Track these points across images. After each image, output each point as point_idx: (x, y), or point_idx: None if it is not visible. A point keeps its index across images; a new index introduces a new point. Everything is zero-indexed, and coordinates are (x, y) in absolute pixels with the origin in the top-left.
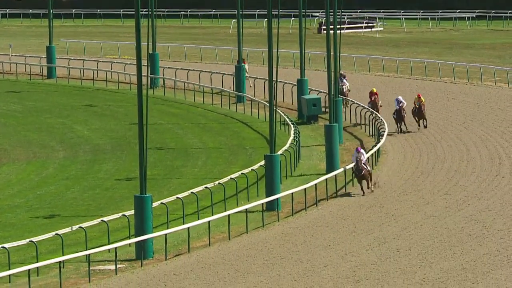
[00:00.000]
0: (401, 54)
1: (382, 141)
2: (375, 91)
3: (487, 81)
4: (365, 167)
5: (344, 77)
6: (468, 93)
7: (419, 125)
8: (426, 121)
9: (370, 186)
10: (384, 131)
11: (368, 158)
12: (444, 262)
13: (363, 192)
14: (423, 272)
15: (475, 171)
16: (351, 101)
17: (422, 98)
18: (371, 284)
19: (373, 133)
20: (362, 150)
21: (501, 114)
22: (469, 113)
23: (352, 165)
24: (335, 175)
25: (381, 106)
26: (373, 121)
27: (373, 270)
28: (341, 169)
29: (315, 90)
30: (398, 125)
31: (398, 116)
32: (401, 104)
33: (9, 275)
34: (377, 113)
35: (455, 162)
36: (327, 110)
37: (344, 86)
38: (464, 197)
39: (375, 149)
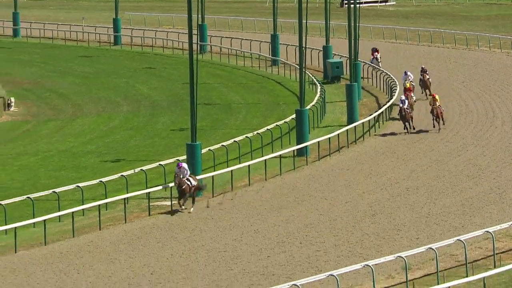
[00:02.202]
0: (410, 24)
1: (394, 97)
2: (408, 86)
3: (483, 47)
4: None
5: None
6: (466, 57)
7: (434, 125)
8: (443, 120)
9: (412, 126)
10: (396, 89)
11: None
12: (446, 199)
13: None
14: (428, 207)
15: (472, 123)
16: (370, 64)
17: (436, 97)
18: (385, 217)
19: (387, 91)
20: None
21: (495, 75)
22: (467, 73)
23: (374, 116)
24: (355, 126)
25: (415, 101)
26: (387, 81)
27: (386, 205)
28: (360, 121)
29: (338, 54)
30: (406, 124)
31: (402, 116)
32: (405, 104)
33: (83, 209)
34: (389, 73)
35: (456, 114)
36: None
37: (406, 82)
38: (463, 144)
39: (388, 104)
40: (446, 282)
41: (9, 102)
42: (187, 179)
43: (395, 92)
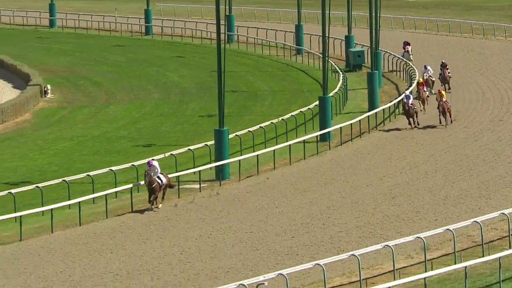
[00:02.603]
0: (429, 14)
1: (414, 85)
2: (421, 81)
3: (499, 36)
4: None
5: (427, 67)
6: (483, 46)
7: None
8: (450, 115)
9: (417, 121)
10: (415, 77)
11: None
12: (463, 182)
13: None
14: (446, 190)
15: (488, 109)
16: (390, 53)
17: (443, 93)
18: (404, 200)
19: (406, 79)
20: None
21: (510, 63)
22: (484, 62)
23: (394, 102)
24: (375, 112)
25: (428, 96)
26: (406, 69)
27: (405, 188)
28: (380, 108)
29: (359, 44)
30: (410, 120)
31: (406, 112)
32: (409, 99)
33: (116, 192)
34: (409, 62)
35: (473, 101)
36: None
37: (425, 75)
38: (479, 130)
39: (407, 92)
40: (463, 262)
41: (45, 89)
42: (158, 177)
43: (414, 80)
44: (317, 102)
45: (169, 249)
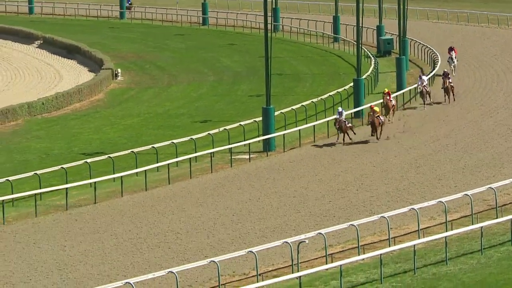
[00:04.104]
0: (450, 6)
1: (437, 68)
2: (387, 91)
3: None
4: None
5: (421, 77)
6: (498, 34)
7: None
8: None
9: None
10: (438, 62)
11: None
12: (479, 153)
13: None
14: (465, 160)
15: (502, 89)
16: (416, 41)
17: (375, 108)
18: (427, 169)
19: (430, 63)
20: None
21: None
22: (499, 48)
23: (415, 86)
24: (403, 93)
25: (393, 105)
26: (430, 54)
27: (429, 159)
28: (407, 89)
29: (389, 32)
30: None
31: (339, 128)
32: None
33: (177, 161)
34: (432, 48)
35: (488, 82)
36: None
37: (420, 86)
38: (494, 108)
39: (431, 74)
40: (479, 222)
41: (116, 72)
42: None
43: (437, 64)
44: (351, 84)
45: (223, 211)
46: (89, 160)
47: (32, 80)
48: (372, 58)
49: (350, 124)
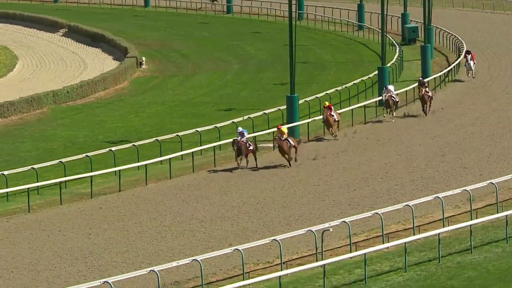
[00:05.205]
0: None
1: (462, 56)
2: (327, 104)
3: None
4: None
5: (387, 86)
6: None
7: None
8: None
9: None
10: (463, 50)
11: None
12: (505, 142)
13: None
14: (490, 148)
15: None
16: (441, 28)
17: (282, 129)
18: (453, 157)
19: (455, 51)
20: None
21: None
22: None
23: (444, 72)
24: (428, 81)
25: (335, 120)
26: (455, 42)
27: (454, 147)
28: (432, 77)
29: (414, 20)
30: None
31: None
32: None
33: (201, 150)
34: (457, 36)
35: None
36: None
37: (385, 95)
38: None
39: (456, 62)
40: (504, 211)
41: (141, 60)
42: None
43: (462, 52)
44: (376, 72)
45: (247, 199)
46: (113, 148)
47: (57, 68)
48: (397, 46)
49: (252, 147)
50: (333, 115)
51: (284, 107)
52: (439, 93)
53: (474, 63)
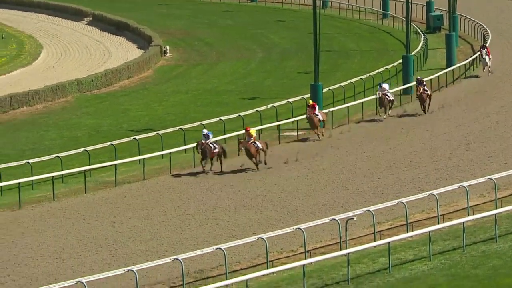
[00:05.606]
0: None
1: (487, 44)
2: (311, 103)
3: None
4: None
5: (381, 85)
6: None
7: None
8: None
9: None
10: (488, 38)
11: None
12: None
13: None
14: None
15: None
16: (466, 17)
17: (251, 131)
18: (477, 146)
19: (480, 39)
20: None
21: None
22: None
23: (469, 60)
24: (452, 69)
25: (320, 120)
26: (480, 31)
27: (479, 136)
28: (457, 65)
29: (438, 8)
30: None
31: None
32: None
33: (225, 138)
34: (482, 24)
35: None
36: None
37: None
38: None
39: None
40: None
41: (165, 49)
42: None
43: (487, 40)
44: (400, 60)
45: (271, 188)
46: (137, 137)
47: (82, 57)
48: (422, 34)
49: (217, 150)
50: (317, 115)
51: (308, 95)
52: (464, 81)
53: (490, 58)
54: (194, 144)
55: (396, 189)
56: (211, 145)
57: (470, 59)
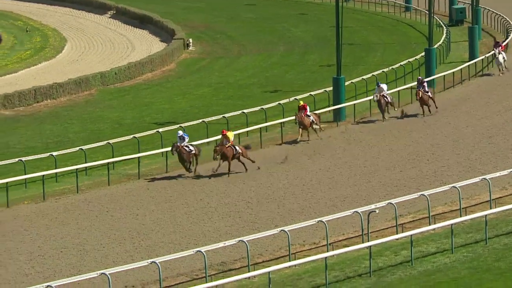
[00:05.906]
0: None
1: (510, 37)
2: (302, 104)
3: None
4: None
5: (379, 85)
6: None
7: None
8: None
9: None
10: None
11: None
12: None
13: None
14: None
15: None
16: (489, 9)
17: (227, 134)
18: (500, 139)
19: (503, 32)
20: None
21: None
22: None
23: (490, 54)
24: (475, 62)
25: (312, 121)
26: (503, 23)
27: (501, 129)
28: (480, 58)
29: (461, 1)
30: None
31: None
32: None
33: (247, 131)
34: (505, 17)
35: None
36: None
37: (376, 95)
38: None
39: (506, 42)
40: None
41: (188, 42)
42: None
43: (510, 32)
44: (423, 53)
45: (293, 181)
46: (160, 130)
47: (105, 50)
48: (444, 27)
49: (194, 151)
50: (309, 116)
51: (330, 88)
52: (487, 74)
53: (504, 57)
54: (219, 137)
55: (418, 182)
56: (186, 147)
57: (488, 54)
